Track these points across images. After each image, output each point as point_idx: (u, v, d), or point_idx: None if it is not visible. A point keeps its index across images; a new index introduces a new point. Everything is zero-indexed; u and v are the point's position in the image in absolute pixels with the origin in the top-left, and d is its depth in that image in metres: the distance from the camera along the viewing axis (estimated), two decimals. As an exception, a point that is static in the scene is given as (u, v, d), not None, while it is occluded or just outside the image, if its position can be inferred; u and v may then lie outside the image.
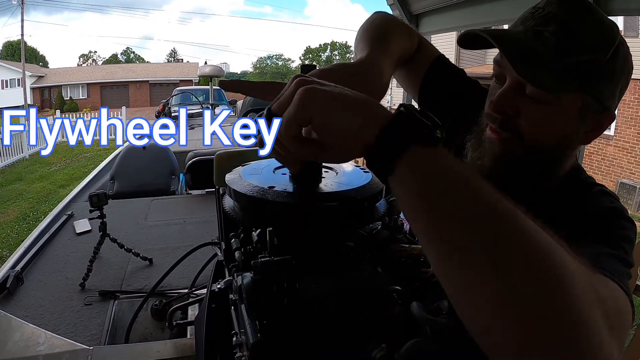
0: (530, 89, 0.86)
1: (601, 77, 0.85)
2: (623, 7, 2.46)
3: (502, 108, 0.90)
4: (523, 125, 0.89)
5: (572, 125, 0.89)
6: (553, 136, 0.90)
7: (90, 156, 14.96)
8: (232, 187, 0.78)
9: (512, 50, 0.84)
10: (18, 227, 8.04)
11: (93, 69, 45.44)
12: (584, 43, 0.83)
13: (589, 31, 0.84)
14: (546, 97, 0.85)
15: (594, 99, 0.86)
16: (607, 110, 0.89)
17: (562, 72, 0.83)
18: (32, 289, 2.15)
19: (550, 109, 0.87)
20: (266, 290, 0.62)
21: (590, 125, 0.90)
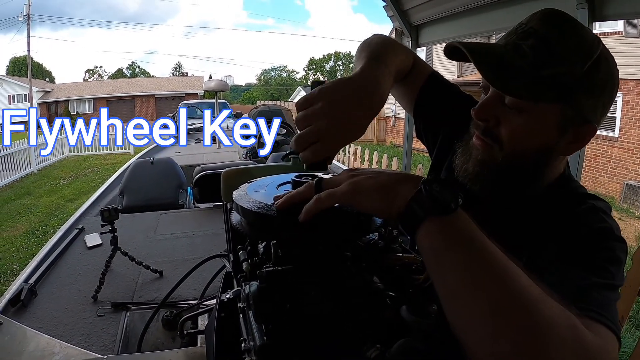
0: (508, 98, 0.91)
1: (580, 90, 0.88)
2: (618, 11, 2.50)
3: (483, 116, 0.96)
4: (503, 134, 0.93)
5: (551, 135, 0.92)
6: (531, 145, 0.93)
7: (97, 170, 14.98)
8: (238, 204, 0.83)
9: (485, 61, 0.88)
10: (27, 241, 8.04)
11: (99, 84, 45.62)
12: (562, 56, 0.87)
13: (567, 45, 0.88)
14: (524, 107, 0.90)
15: (574, 110, 0.89)
16: (589, 123, 0.91)
17: (538, 83, 0.86)
18: (45, 302, 2.18)
19: (528, 119, 0.90)
20: (271, 297, 0.68)
21: (571, 136, 0.92)
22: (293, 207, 0.74)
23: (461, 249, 0.63)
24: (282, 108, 6.45)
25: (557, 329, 0.58)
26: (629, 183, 12.10)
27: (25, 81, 35.22)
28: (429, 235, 0.65)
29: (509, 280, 0.60)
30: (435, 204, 0.65)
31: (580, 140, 0.93)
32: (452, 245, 0.63)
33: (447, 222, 0.64)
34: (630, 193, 11.92)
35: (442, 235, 0.64)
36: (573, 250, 0.83)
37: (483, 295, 0.60)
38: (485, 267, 0.61)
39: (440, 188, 0.65)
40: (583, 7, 2.54)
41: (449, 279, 0.63)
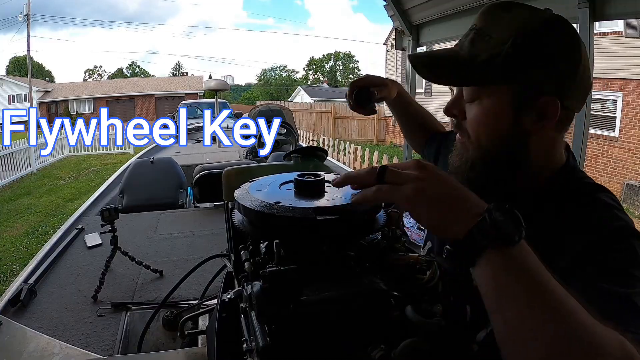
0: (464, 92, 0.98)
1: (520, 65, 0.89)
2: (619, 11, 2.50)
3: (450, 111, 1.02)
4: (470, 124, 0.98)
5: (509, 117, 0.94)
6: (493, 131, 0.96)
7: (97, 170, 15.00)
8: (240, 203, 0.82)
9: (424, 62, 0.99)
10: (27, 241, 8.06)
11: (99, 84, 45.72)
12: (494, 39, 0.91)
13: (499, 28, 0.91)
14: (476, 96, 0.95)
15: (522, 86, 0.91)
16: (546, 94, 0.91)
17: (475, 69, 0.91)
18: (45, 302, 2.18)
19: (482, 106, 0.95)
20: (274, 297, 0.67)
21: (533, 114, 0.92)
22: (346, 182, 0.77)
23: (522, 283, 0.62)
24: (282, 108, 6.47)
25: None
26: (629, 183, 12.13)
27: (25, 81, 35.24)
28: (490, 267, 0.64)
29: (567, 315, 0.60)
30: (499, 234, 0.63)
31: (545, 115, 0.92)
32: (513, 279, 0.62)
33: (510, 255, 0.63)
34: (631, 193, 11.95)
35: (504, 268, 0.63)
36: (595, 258, 0.82)
37: (544, 334, 0.59)
38: (545, 303, 0.61)
39: (504, 217, 0.63)
40: (584, 6, 2.54)
41: (507, 314, 0.62)
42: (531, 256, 0.64)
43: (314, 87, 49.77)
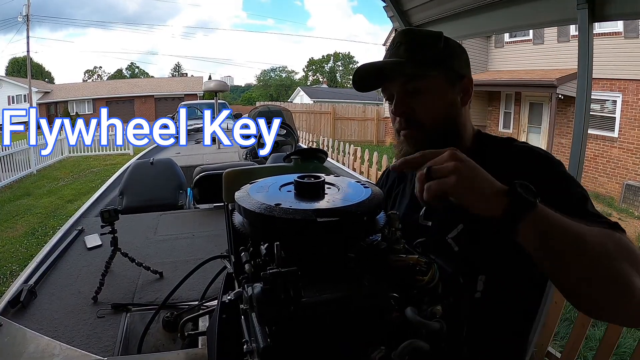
0: (409, 87, 1.22)
1: (446, 57, 1.23)
2: (618, 12, 2.51)
3: (400, 109, 1.24)
4: (420, 114, 1.23)
5: (448, 94, 1.24)
6: (442, 109, 1.24)
7: (97, 171, 14.99)
8: (241, 205, 0.83)
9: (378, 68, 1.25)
10: (27, 242, 8.04)
11: (98, 84, 45.73)
12: (425, 44, 1.22)
13: (425, 38, 1.24)
14: (420, 86, 1.21)
15: (451, 71, 1.24)
16: (465, 76, 1.27)
17: (418, 64, 1.19)
18: (45, 303, 2.17)
19: (428, 92, 1.22)
20: (274, 299, 0.67)
21: (459, 90, 1.26)
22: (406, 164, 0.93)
23: (556, 227, 0.85)
24: (281, 109, 6.47)
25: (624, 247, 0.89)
26: (628, 183, 12.15)
27: (24, 82, 35.25)
28: (530, 227, 0.84)
29: (588, 233, 0.86)
30: (526, 204, 0.84)
31: (466, 91, 1.28)
32: (550, 227, 0.85)
33: (538, 214, 0.84)
34: (630, 193, 11.96)
35: (540, 223, 0.84)
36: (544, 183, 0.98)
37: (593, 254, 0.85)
38: (574, 232, 0.85)
39: (523, 189, 0.84)
40: (583, 7, 2.54)
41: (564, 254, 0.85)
42: (547, 209, 0.86)
43: (313, 88, 49.77)
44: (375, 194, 0.86)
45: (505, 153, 1.20)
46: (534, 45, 16.23)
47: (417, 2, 3.90)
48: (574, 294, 0.89)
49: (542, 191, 0.89)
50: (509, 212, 0.83)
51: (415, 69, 1.19)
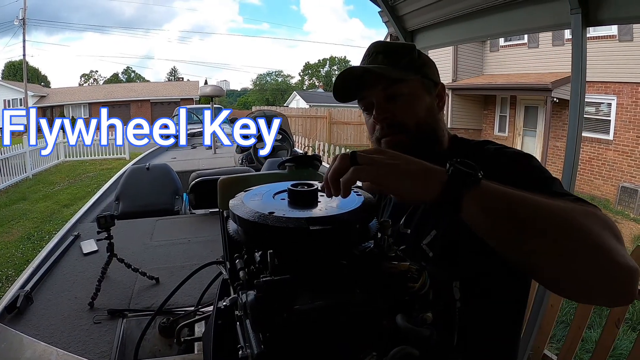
0: (390, 92, 1.24)
1: (421, 65, 1.28)
2: (611, 17, 2.54)
3: (383, 115, 1.24)
4: (401, 118, 1.24)
5: (426, 99, 1.27)
6: (422, 113, 1.25)
7: (93, 175, 14.98)
8: (235, 213, 0.84)
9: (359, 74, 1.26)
10: (23, 247, 8.05)
11: (94, 89, 45.66)
12: (402, 53, 1.27)
13: (401, 48, 1.31)
14: (401, 91, 1.23)
15: (426, 78, 1.28)
16: (439, 84, 1.32)
17: (399, 70, 1.22)
18: (41, 308, 2.17)
19: (409, 96, 1.24)
20: (268, 306, 0.68)
21: (435, 97, 1.31)
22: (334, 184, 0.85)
23: (502, 201, 0.82)
24: (277, 113, 6.45)
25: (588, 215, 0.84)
26: (624, 185, 12.20)
27: (20, 86, 35.07)
28: (474, 203, 0.81)
29: (543, 204, 0.82)
30: (467, 179, 0.81)
31: (441, 97, 1.33)
32: (495, 202, 0.82)
33: (481, 189, 0.82)
34: (626, 195, 12.03)
35: (484, 198, 0.82)
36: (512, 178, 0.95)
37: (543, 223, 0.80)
38: (526, 204, 0.82)
39: (462, 165, 0.82)
40: (577, 12, 2.57)
41: (505, 227, 0.81)
42: (493, 184, 0.83)
43: (309, 92, 49.84)
44: (367, 201, 0.88)
45: (479, 155, 1.17)
46: (528, 49, 16.29)
47: (412, 7, 3.93)
48: (544, 272, 0.83)
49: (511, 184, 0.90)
50: (447, 190, 0.82)
51: (396, 74, 1.21)
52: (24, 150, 14.52)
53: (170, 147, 8.07)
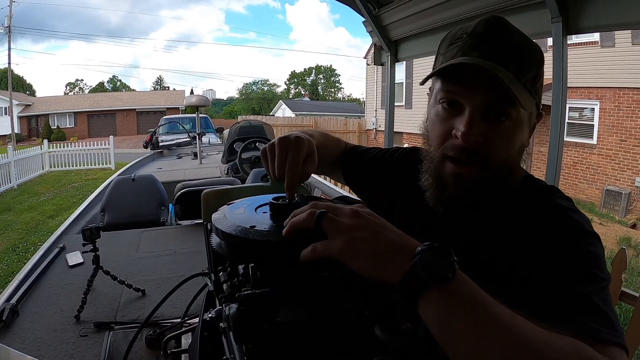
0: (496, 108, 0.92)
1: (540, 86, 0.98)
2: (591, 24, 2.58)
3: (474, 138, 0.93)
4: (490, 149, 0.94)
5: (525, 132, 0.98)
6: (517, 146, 0.98)
7: (78, 186, 14.87)
8: (217, 227, 0.85)
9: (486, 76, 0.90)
10: (8, 259, 7.95)
11: (80, 98, 45.36)
12: (530, 62, 0.94)
13: (531, 54, 0.95)
14: (511, 111, 0.92)
15: (538, 104, 0.99)
16: (542, 113, 1.01)
17: (524, 88, 0.92)
18: (28, 321, 2.16)
19: (513, 124, 0.94)
20: (249, 319, 0.70)
21: (532, 128, 1.00)
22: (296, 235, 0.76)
23: (464, 317, 0.64)
24: (262, 123, 6.48)
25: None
26: (608, 188, 12.36)
27: (5, 94, 34.74)
28: (431, 306, 0.65)
29: (515, 337, 0.62)
30: (432, 275, 0.65)
31: (534, 126, 1.01)
32: (455, 314, 0.64)
33: (447, 291, 0.65)
34: (610, 198, 12.18)
35: (444, 305, 0.65)
36: (553, 258, 0.85)
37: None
38: (491, 331, 0.63)
39: (434, 256, 0.66)
40: (557, 20, 2.61)
41: (458, 348, 0.64)
42: (469, 286, 0.66)
43: (295, 100, 49.92)
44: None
45: (540, 206, 0.96)
46: (512, 55, 16.44)
47: (395, 17, 3.97)
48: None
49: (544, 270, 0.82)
50: (405, 282, 0.67)
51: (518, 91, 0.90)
52: (8, 160, 14.41)
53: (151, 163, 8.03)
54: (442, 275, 0.65)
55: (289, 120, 27.18)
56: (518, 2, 2.86)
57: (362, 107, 32.49)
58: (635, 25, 2.59)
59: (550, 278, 0.82)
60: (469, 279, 0.67)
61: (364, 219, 0.73)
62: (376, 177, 1.36)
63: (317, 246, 0.72)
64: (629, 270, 7.29)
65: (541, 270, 0.84)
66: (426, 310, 0.65)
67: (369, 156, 1.43)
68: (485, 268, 0.82)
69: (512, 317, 0.65)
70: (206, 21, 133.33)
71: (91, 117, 38.78)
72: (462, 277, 0.66)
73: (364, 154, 1.45)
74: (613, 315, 0.78)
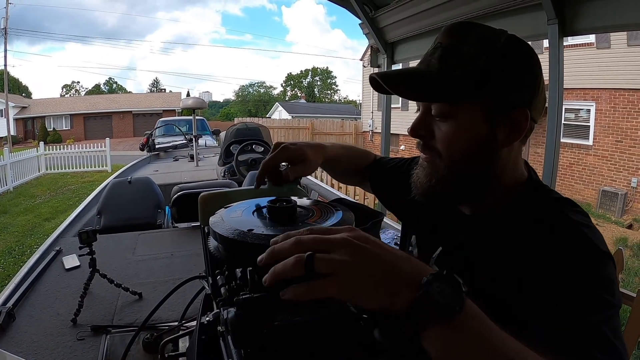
0: (434, 110, 0.96)
1: (493, 78, 0.91)
2: (587, 26, 2.59)
3: (417, 132, 1.00)
4: (438, 144, 0.97)
5: (482, 130, 0.94)
6: (466, 146, 0.95)
7: (74, 188, 14.83)
8: (215, 230, 0.85)
9: (396, 80, 0.97)
10: (4, 262, 7.93)
11: (76, 100, 45.23)
12: (468, 56, 0.92)
13: (469, 45, 0.93)
14: (448, 112, 0.94)
15: (496, 99, 0.92)
16: (518, 106, 0.93)
17: (450, 84, 0.91)
18: (24, 325, 2.15)
19: (456, 122, 0.94)
20: (248, 323, 0.70)
21: (506, 126, 0.94)
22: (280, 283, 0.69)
23: (467, 354, 0.62)
24: (259, 125, 6.47)
25: None
26: (604, 189, 12.41)
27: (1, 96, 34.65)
28: (433, 341, 0.62)
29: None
30: (438, 309, 0.61)
31: (517, 126, 0.94)
32: (460, 350, 0.62)
33: (453, 325, 0.61)
34: (606, 199, 12.23)
35: (449, 341, 0.62)
36: (561, 282, 0.81)
37: None
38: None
39: (442, 288, 0.62)
40: (553, 22, 2.62)
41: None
42: (476, 321, 0.63)
43: (291, 103, 49.98)
44: (345, 217, 0.89)
45: (548, 221, 0.91)
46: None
47: (392, 19, 3.98)
48: None
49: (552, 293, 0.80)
50: (410, 314, 0.62)
51: (441, 91, 0.93)
52: (4, 162, 14.38)
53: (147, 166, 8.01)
54: (450, 310, 0.61)
55: (286, 122, 27.24)
56: (514, 4, 2.87)
57: (359, 109, 32.54)
58: (631, 27, 2.60)
59: (559, 303, 0.79)
60: (476, 310, 0.64)
61: (359, 250, 0.67)
62: (395, 187, 1.37)
63: (315, 286, 0.65)
64: (626, 270, 7.31)
65: (549, 294, 0.81)
66: (429, 344, 0.62)
67: (390, 166, 1.46)
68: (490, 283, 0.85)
69: (521, 350, 0.63)
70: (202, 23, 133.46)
71: (87, 120, 38.76)
72: (470, 310, 0.63)
73: (387, 164, 1.49)
74: (620, 346, 0.75)
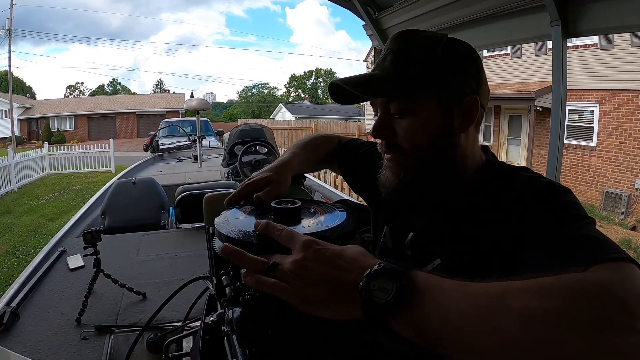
0: (393, 108, 1.03)
1: (443, 72, 1.00)
2: (591, 28, 2.58)
3: (380, 133, 1.06)
4: (401, 140, 1.04)
5: (439, 120, 1.02)
6: (428, 137, 1.02)
7: (78, 189, 14.84)
8: (220, 231, 0.85)
9: (354, 82, 1.03)
10: (8, 262, 7.95)
11: (80, 101, 45.28)
12: (418, 56, 1.01)
13: (417, 46, 1.03)
14: (406, 109, 1.02)
15: (448, 90, 1.01)
16: (468, 95, 1.02)
17: (404, 82, 0.99)
18: (28, 325, 2.16)
19: (414, 116, 1.02)
20: (253, 323, 0.70)
21: (459, 113, 1.02)
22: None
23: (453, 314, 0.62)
24: (262, 127, 6.46)
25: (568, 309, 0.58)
26: (608, 191, 12.38)
27: (5, 97, 34.71)
28: (402, 326, 0.64)
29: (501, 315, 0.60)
30: (381, 307, 0.64)
31: (469, 113, 1.03)
32: (441, 321, 0.62)
33: (406, 313, 0.64)
34: (610, 201, 12.20)
35: (424, 321, 0.63)
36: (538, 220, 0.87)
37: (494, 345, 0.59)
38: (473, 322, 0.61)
39: (381, 284, 0.64)
40: (557, 23, 2.61)
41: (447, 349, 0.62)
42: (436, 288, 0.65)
43: (295, 104, 49.93)
44: (349, 218, 0.90)
45: (509, 185, 0.99)
46: (512, 59, 16.50)
47: (395, 21, 3.96)
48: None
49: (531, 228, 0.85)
50: (366, 318, 0.65)
51: (399, 89, 1.01)
52: (8, 162, 14.41)
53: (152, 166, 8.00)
54: (392, 304, 0.63)
55: (289, 123, 27.21)
56: (517, 6, 2.86)
57: (362, 110, 32.47)
58: (634, 28, 2.60)
59: (542, 235, 0.84)
60: (433, 279, 0.66)
61: (305, 273, 0.70)
62: (357, 169, 1.47)
63: (280, 286, 0.69)
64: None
65: (530, 234, 0.85)
66: (408, 333, 0.64)
67: (353, 150, 1.53)
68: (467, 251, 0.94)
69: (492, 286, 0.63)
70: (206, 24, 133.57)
71: (91, 120, 38.83)
72: (425, 284, 0.65)
73: (352, 149, 1.55)
74: (611, 241, 0.78)
